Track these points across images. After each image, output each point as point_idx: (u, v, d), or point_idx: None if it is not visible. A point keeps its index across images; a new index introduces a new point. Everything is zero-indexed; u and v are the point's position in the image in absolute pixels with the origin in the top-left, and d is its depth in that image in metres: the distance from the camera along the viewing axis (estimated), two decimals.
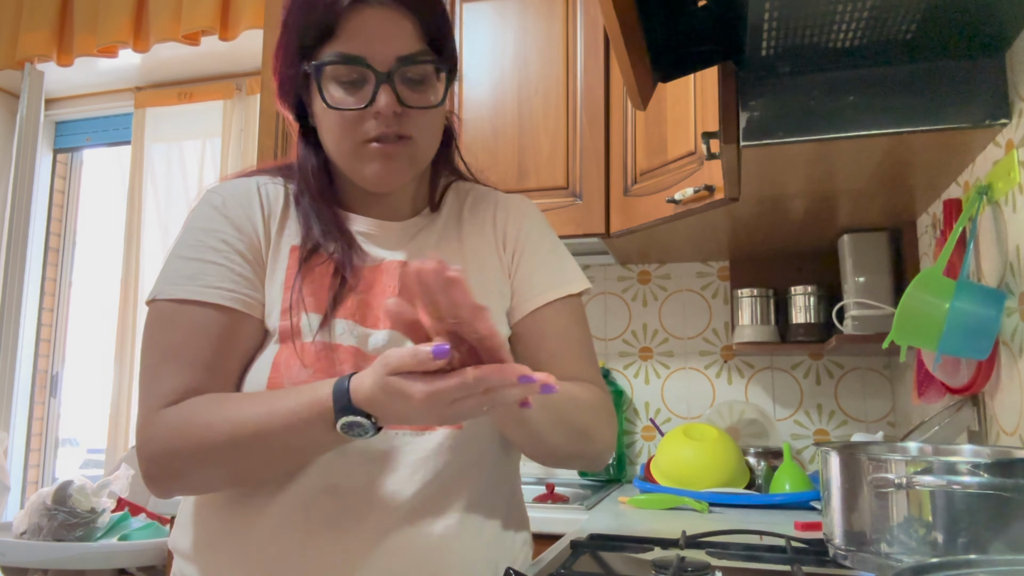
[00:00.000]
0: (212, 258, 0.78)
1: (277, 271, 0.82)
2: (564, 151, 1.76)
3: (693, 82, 1.49)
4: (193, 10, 2.30)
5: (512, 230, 0.91)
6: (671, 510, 1.48)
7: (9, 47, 2.49)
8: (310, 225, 0.83)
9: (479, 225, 0.92)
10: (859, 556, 0.76)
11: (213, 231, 0.80)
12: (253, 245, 0.81)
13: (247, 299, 0.79)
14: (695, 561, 0.87)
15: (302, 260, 0.81)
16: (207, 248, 0.79)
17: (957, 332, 0.96)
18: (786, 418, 1.93)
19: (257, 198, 0.84)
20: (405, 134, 0.79)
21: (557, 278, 0.89)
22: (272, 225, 0.84)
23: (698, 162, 1.47)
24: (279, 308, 0.80)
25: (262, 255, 0.82)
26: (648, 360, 2.05)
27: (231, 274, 0.78)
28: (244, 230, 0.81)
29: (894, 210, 1.49)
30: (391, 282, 0.83)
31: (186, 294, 0.76)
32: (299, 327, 0.78)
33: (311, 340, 0.78)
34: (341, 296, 0.81)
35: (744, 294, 1.85)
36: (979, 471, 0.68)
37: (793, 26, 0.93)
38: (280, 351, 0.77)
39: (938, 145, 1.08)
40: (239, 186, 0.85)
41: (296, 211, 0.85)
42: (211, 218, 0.81)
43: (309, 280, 0.81)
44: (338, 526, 0.75)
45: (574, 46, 1.80)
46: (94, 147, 2.91)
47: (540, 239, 0.92)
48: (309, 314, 0.79)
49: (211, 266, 0.78)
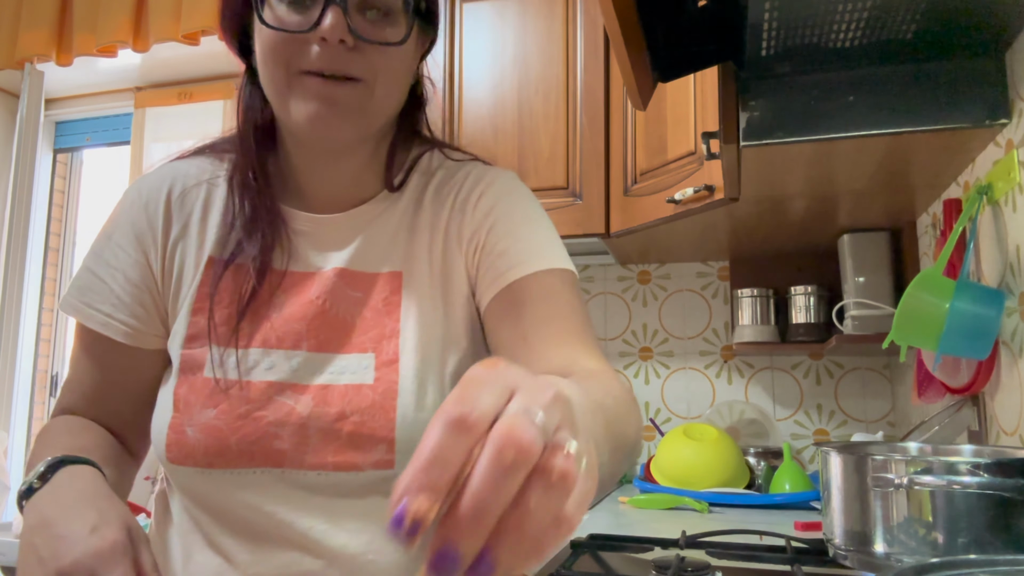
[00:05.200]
0: (103, 274, 0.72)
1: (184, 289, 0.73)
2: (564, 151, 1.76)
3: (693, 82, 1.48)
4: (193, 10, 2.29)
5: (477, 213, 0.74)
6: (671, 510, 1.48)
7: (9, 47, 2.48)
8: (232, 222, 0.72)
9: (438, 212, 0.76)
10: (859, 556, 0.76)
11: (114, 239, 0.73)
12: (149, 262, 0.73)
13: (130, 329, 0.72)
14: (695, 561, 0.87)
15: (223, 268, 0.71)
16: (102, 261, 0.73)
17: (957, 332, 0.96)
18: (786, 418, 1.93)
19: (164, 204, 0.74)
20: (354, 75, 0.65)
21: (537, 250, 0.72)
22: (187, 235, 0.73)
23: (698, 162, 1.47)
24: (183, 334, 0.71)
25: (158, 273, 0.73)
26: (648, 360, 2.05)
27: (115, 299, 0.72)
28: (144, 242, 0.73)
29: (894, 210, 1.49)
30: (320, 295, 0.71)
31: (74, 311, 0.72)
32: (201, 360, 0.69)
33: (212, 375, 0.68)
34: (255, 315, 0.70)
35: (744, 294, 1.85)
36: (979, 471, 0.68)
37: (793, 26, 0.93)
38: (179, 385, 0.69)
39: (938, 145, 1.08)
40: (157, 182, 0.75)
41: (222, 205, 0.74)
42: (118, 221, 0.74)
43: (225, 294, 0.71)
44: None
45: (574, 46, 1.80)
46: (94, 147, 2.91)
47: (511, 211, 0.74)
48: (214, 345, 0.69)
49: (99, 284, 0.72)
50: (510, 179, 0.78)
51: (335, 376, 0.69)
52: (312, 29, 0.63)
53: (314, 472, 0.66)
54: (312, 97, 0.64)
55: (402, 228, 0.75)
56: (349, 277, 0.72)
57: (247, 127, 0.73)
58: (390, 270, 0.73)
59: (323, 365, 0.69)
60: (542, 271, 0.70)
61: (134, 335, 0.72)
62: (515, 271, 0.70)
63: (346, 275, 0.72)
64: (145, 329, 0.73)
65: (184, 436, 0.66)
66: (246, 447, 0.66)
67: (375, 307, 0.72)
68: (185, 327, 0.71)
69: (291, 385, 0.68)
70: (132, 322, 0.72)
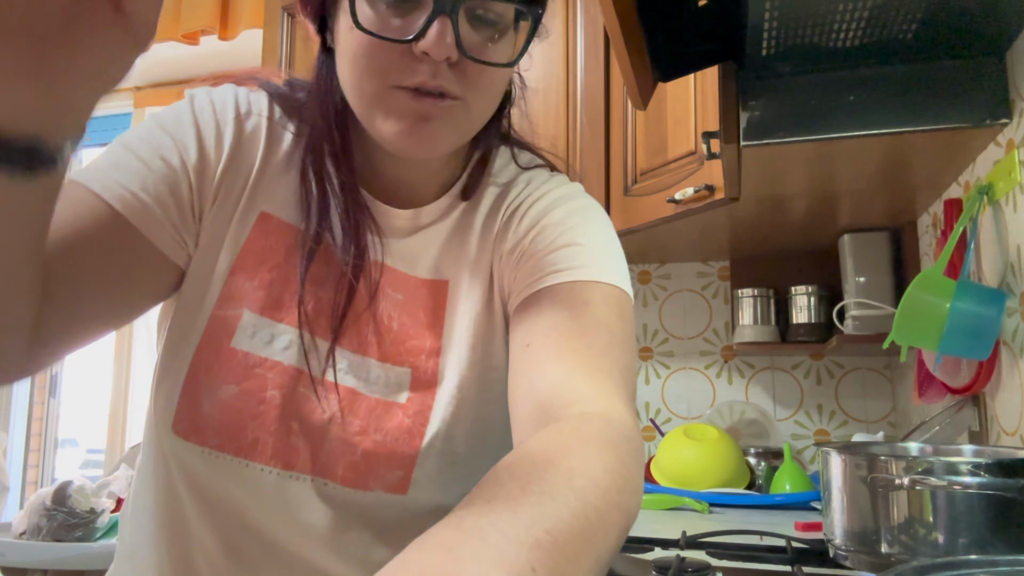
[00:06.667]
0: (144, 154, 0.59)
1: (230, 236, 0.62)
2: (564, 151, 1.76)
3: (693, 82, 1.48)
4: (193, 10, 2.29)
5: (525, 222, 0.65)
6: (671, 510, 1.48)
7: None
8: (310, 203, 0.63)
9: (491, 221, 0.68)
10: (859, 556, 0.76)
11: (166, 129, 0.61)
12: (207, 170, 0.61)
13: (154, 217, 0.58)
14: (695, 561, 0.87)
15: (307, 249, 0.62)
16: (145, 144, 0.60)
17: (958, 332, 0.96)
18: (786, 418, 1.93)
19: (235, 123, 0.63)
20: (454, 93, 0.56)
21: (583, 260, 0.62)
22: (244, 167, 0.63)
23: (698, 162, 1.46)
24: (217, 293, 0.61)
25: (212, 189, 0.62)
26: (648, 360, 2.05)
27: (148, 181, 0.58)
28: (206, 149, 0.61)
29: (894, 210, 1.49)
30: (367, 289, 0.64)
31: (87, 180, 0.57)
32: (232, 326, 0.60)
33: (240, 347, 0.60)
34: (293, 290, 0.62)
35: (744, 294, 1.85)
36: (980, 471, 0.68)
37: (793, 26, 0.93)
38: (202, 349, 0.60)
39: (938, 145, 1.08)
40: (230, 97, 0.64)
41: (287, 164, 0.64)
42: (179, 118, 0.62)
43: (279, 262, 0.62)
44: None
45: (574, 46, 1.80)
46: (94, 147, 2.91)
47: (564, 219, 0.65)
48: (248, 311, 0.61)
49: (135, 162, 0.58)
50: (570, 188, 0.69)
51: (367, 385, 0.63)
52: (415, 40, 0.53)
53: (322, 481, 0.61)
54: (404, 115, 0.56)
55: (457, 234, 0.67)
56: (390, 275, 0.66)
57: (326, 113, 0.63)
58: (437, 278, 0.67)
59: (357, 367, 0.63)
60: (581, 281, 0.60)
61: (157, 226, 0.58)
62: (550, 277, 0.61)
63: (388, 272, 0.66)
64: (176, 225, 0.59)
65: (199, 408, 0.59)
66: (262, 436, 0.60)
67: (416, 316, 0.66)
68: (221, 285, 0.61)
69: (319, 380, 0.62)
70: (159, 211, 0.58)
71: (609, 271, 0.62)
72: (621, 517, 0.42)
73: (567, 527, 0.35)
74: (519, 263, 0.64)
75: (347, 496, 0.62)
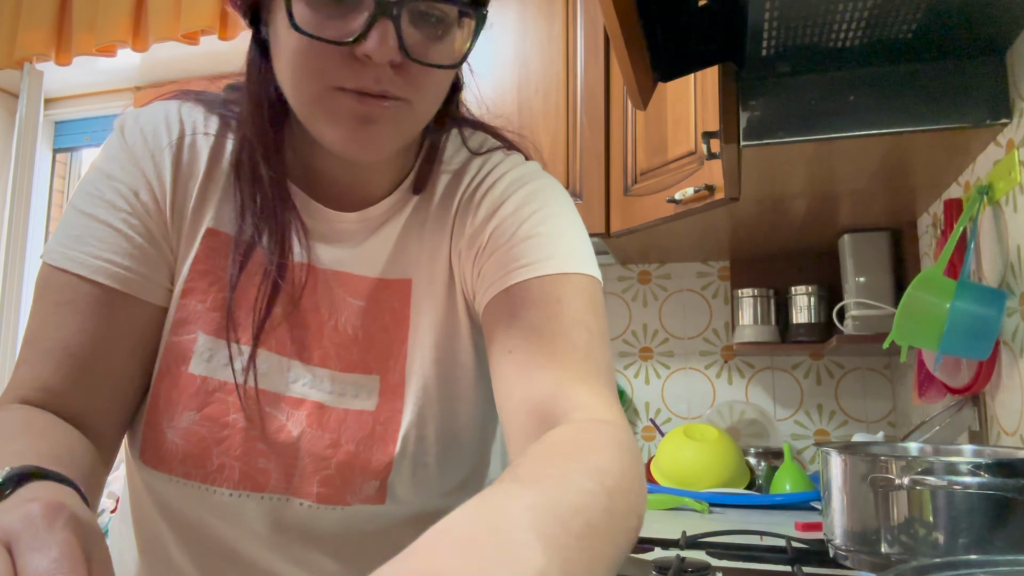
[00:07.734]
0: (103, 215, 0.58)
1: (180, 258, 0.61)
2: (564, 151, 1.76)
3: (693, 82, 1.48)
4: (192, 10, 2.29)
5: (481, 211, 0.63)
6: (671, 510, 1.48)
7: (8, 46, 2.48)
8: (242, 209, 0.61)
9: (445, 212, 0.65)
10: (860, 556, 0.76)
11: (116, 178, 0.60)
12: (161, 208, 0.61)
13: (136, 276, 0.59)
14: (695, 561, 0.87)
15: (239, 253, 0.60)
16: (101, 202, 0.59)
17: (958, 332, 0.96)
18: (786, 418, 1.93)
19: (173, 149, 0.61)
20: (398, 95, 0.54)
21: (548, 249, 0.60)
22: (188, 188, 0.61)
23: (698, 162, 1.46)
24: (171, 318, 0.60)
25: (169, 223, 0.61)
26: (648, 360, 2.05)
27: (119, 243, 0.58)
28: (152, 185, 0.60)
29: (894, 210, 1.49)
30: (320, 301, 0.63)
31: (66, 262, 0.57)
32: (188, 351, 0.59)
33: (198, 372, 0.59)
34: (249, 310, 0.60)
35: (744, 294, 1.85)
36: (980, 471, 0.68)
37: (793, 26, 0.92)
38: (160, 378, 0.59)
39: (938, 145, 1.08)
40: (161, 120, 0.62)
41: (229, 174, 0.62)
42: (118, 160, 0.60)
43: (220, 278, 0.61)
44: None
45: (574, 46, 1.80)
46: (93, 147, 2.91)
47: (523, 205, 0.62)
48: (203, 334, 0.59)
49: (98, 226, 0.58)
50: (524, 169, 0.66)
51: (334, 397, 0.62)
52: (356, 42, 0.51)
53: (297, 500, 0.60)
54: (346, 118, 0.54)
55: (412, 229, 0.65)
56: (347, 281, 0.64)
57: (257, 108, 0.61)
58: (399, 277, 0.65)
59: (322, 381, 0.62)
60: (550, 275, 0.58)
61: (141, 283, 0.59)
62: (517, 273, 0.58)
63: (344, 278, 0.64)
64: (154, 277, 0.60)
65: (162, 437, 0.58)
66: (228, 461, 0.59)
67: (382, 320, 0.64)
68: (174, 309, 0.60)
69: (284, 397, 0.61)
70: (138, 268, 0.59)
71: (574, 259, 0.60)
72: (635, 519, 0.42)
73: (601, 522, 0.36)
74: (480, 258, 0.62)
75: (324, 514, 0.61)
